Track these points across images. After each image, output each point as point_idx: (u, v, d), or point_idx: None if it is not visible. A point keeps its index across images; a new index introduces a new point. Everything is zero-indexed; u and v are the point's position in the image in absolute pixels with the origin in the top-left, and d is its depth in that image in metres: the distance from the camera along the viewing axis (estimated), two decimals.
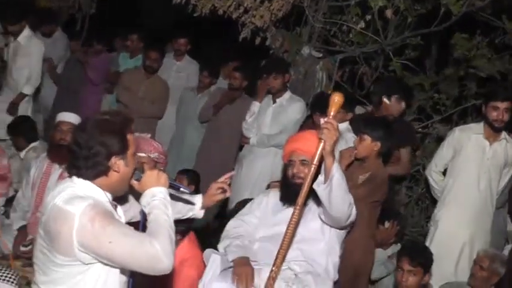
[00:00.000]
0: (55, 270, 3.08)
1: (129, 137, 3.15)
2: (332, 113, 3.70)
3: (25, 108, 7.69)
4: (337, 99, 3.70)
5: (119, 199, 3.39)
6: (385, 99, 6.05)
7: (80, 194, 3.07)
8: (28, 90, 7.62)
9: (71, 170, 3.17)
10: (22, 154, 6.59)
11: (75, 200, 3.01)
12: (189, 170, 6.78)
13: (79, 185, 3.12)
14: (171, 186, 3.35)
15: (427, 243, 5.79)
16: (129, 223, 3.31)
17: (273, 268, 3.84)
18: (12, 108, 7.52)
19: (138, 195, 3.32)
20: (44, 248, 3.10)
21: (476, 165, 5.74)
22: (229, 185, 3.99)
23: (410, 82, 6.90)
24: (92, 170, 3.10)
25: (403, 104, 6.05)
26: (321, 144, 3.71)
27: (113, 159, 3.09)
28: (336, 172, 3.82)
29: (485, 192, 5.76)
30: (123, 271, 3.21)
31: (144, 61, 7.94)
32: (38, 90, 8.15)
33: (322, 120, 3.73)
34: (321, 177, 3.88)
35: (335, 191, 3.88)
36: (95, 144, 3.06)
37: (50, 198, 3.12)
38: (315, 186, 3.87)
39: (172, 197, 3.34)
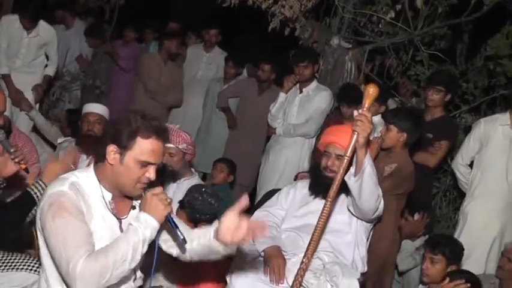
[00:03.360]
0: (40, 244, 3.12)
1: (143, 142, 3.05)
2: (366, 105, 3.66)
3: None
4: (372, 91, 3.65)
5: None
6: (426, 90, 6.03)
7: (71, 178, 3.08)
8: (52, 71, 7.67)
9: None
10: (60, 140, 6.65)
11: (57, 181, 3.07)
12: (228, 160, 6.79)
13: (84, 173, 3.16)
14: (169, 223, 3.16)
15: (455, 236, 5.75)
16: None
17: (304, 260, 3.83)
18: (41, 90, 7.57)
19: None
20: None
21: (505, 156, 5.65)
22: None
23: None
24: (97, 152, 3.14)
25: (443, 96, 6.00)
26: (355, 137, 3.69)
27: (110, 147, 3.04)
28: (368, 165, 3.81)
29: None
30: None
31: (167, 50, 7.99)
32: None
33: (356, 113, 3.69)
34: (352, 170, 3.87)
35: (366, 183, 3.87)
36: (108, 129, 3.15)
37: None
38: (346, 178, 3.86)
39: None
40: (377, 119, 5.95)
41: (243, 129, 7.65)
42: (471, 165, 5.90)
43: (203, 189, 4.48)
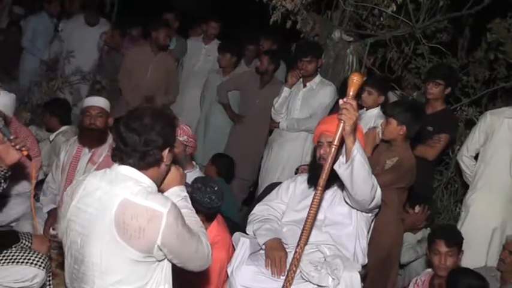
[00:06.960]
0: (127, 268, 3.04)
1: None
2: (351, 93, 3.62)
3: None
4: (356, 79, 3.61)
5: None
6: (426, 84, 6.01)
7: (148, 188, 3.07)
8: None
9: (121, 158, 3.12)
10: (52, 136, 6.63)
11: (155, 197, 3.03)
12: (223, 155, 6.77)
13: (138, 178, 3.09)
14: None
15: (458, 228, 5.76)
16: None
17: (297, 249, 3.82)
18: None
19: None
20: (111, 246, 3.01)
21: (509, 149, 5.63)
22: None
23: None
24: (146, 159, 3.09)
25: (443, 89, 5.97)
26: (341, 125, 3.64)
27: (165, 152, 3.14)
28: (358, 153, 3.74)
29: None
30: None
31: (155, 41, 7.85)
32: None
33: (341, 101, 3.66)
34: (342, 158, 3.82)
35: (356, 171, 3.80)
36: (152, 133, 3.06)
37: (101, 193, 3.05)
38: (335, 167, 3.81)
39: None
40: (375, 111, 5.94)
41: (245, 122, 7.61)
42: (476, 157, 5.89)
43: (209, 183, 4.43)
